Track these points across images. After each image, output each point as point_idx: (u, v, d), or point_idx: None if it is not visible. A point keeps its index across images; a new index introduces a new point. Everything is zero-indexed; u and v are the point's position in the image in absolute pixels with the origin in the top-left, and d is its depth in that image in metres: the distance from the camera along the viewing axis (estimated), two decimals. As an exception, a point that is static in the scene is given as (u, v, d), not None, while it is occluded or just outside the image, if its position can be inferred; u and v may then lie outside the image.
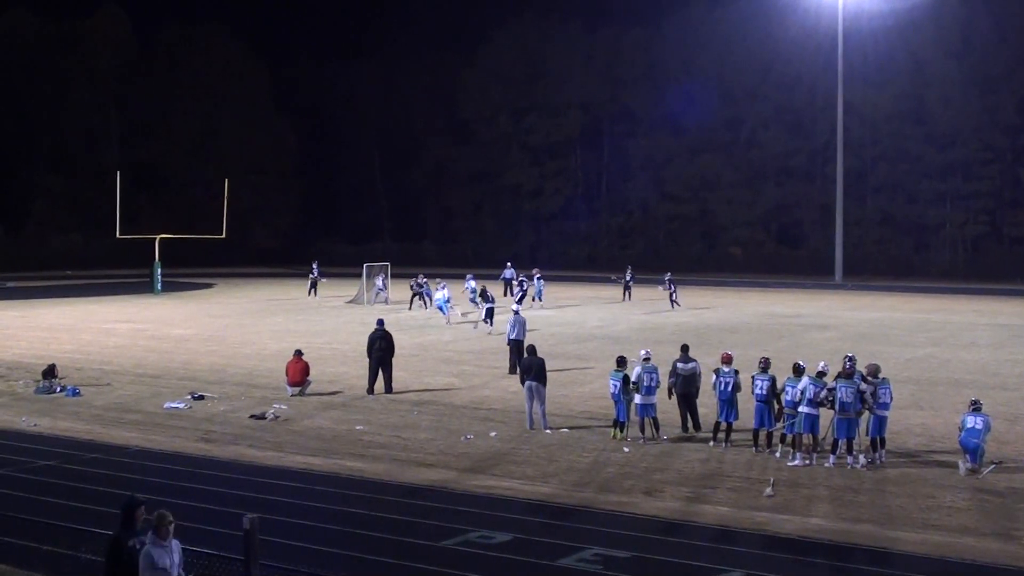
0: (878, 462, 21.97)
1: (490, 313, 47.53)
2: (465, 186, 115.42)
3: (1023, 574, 15.85)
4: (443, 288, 52.92)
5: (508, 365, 34.66)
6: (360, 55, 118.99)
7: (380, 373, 30.89)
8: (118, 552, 11.93)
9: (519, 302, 49.08)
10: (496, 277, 66.21)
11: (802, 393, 22.09)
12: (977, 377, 33.82)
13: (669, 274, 60.57)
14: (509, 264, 65.17)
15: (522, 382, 26.01)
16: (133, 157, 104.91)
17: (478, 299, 49.68)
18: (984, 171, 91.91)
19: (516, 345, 34.34)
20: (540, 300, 59.56)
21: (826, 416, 22.79)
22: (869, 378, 22.43)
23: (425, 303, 56.90)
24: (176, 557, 11.81)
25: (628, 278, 63.30)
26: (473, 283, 56.22)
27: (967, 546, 16.96)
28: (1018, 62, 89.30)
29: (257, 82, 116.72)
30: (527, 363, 26.12)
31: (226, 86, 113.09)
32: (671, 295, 58.84)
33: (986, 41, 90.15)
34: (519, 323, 35.45)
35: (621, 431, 24.40)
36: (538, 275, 60.99)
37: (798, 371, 22.67)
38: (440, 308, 52.35)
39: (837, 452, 21.87)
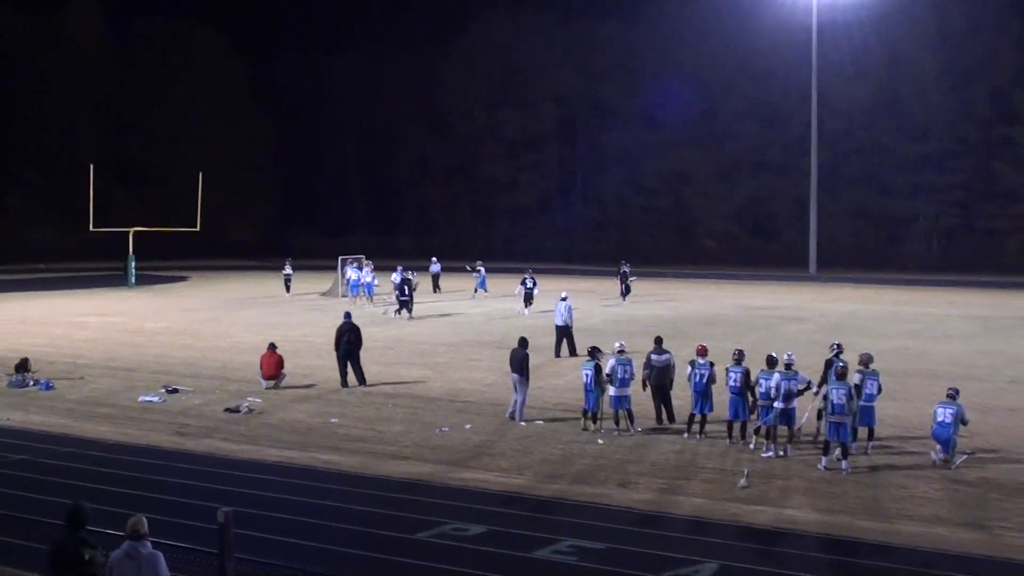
0: (868, 451, 22.19)
1: (404, 304, 49.03)
2: (441, 179, 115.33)
3: (995, 563, 15.97)
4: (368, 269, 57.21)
5: (553, 349, 36.82)
6: (337, 49, 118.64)
7: (349, 366, 30.91)
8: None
9: (527, 301, 50.32)
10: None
11: (776, 389, 22.15)
12: (950, 368, 34.02)
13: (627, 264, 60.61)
14: (435, 259, 64.94)
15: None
16: (109, 151, 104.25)
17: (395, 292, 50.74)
18: (957, 164, 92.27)
19: (564, 331, 36.90)
20: (484, 290, 60.83)
21: (801, 408, 22.92)
22: (860, 367, 22.58)
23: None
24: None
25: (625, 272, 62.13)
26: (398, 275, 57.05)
27: (940, 536, 17.08)
28: (991, 55, 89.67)
29: (234, 75, 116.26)
30: (512, 354, 26.13)
31: (203, 79, 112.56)
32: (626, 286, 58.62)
33: (960, 34, 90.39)
34: (567, 309, 37.28)
35: (594, 422, 24.48)
36: (481, 267, 62.17)
37: (771, 363, 22.77)
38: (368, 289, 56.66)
39: (829, 455, 21.29)
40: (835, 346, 24.51)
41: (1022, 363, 36.10)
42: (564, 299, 37.98)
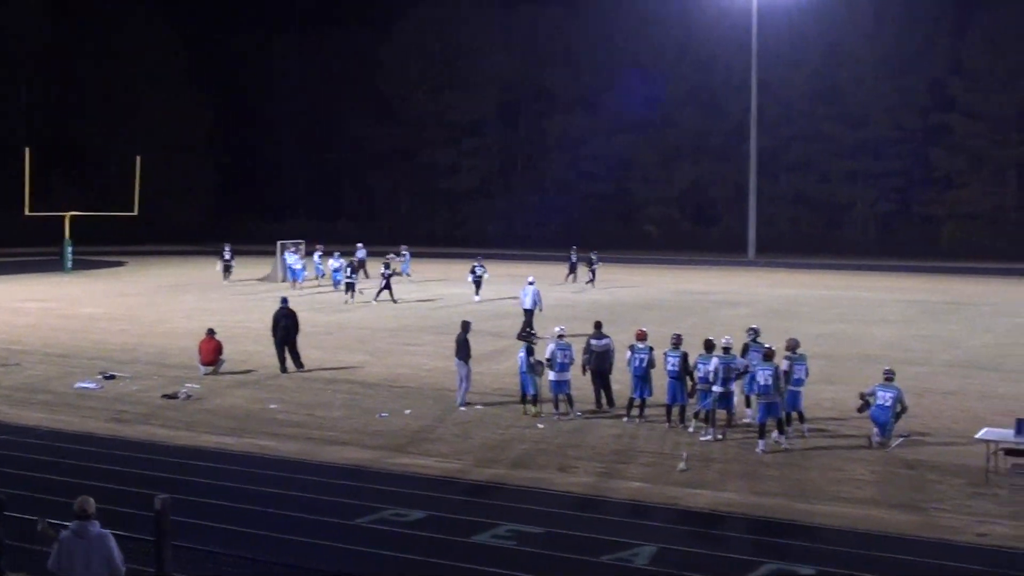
0: (805, 435, 22.42)
1: (349, 287, 49.94)
2: (383, 163, 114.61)
3: (930, 544, 16.16)
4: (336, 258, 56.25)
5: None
6: (278, 31, 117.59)
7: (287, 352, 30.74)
8: None
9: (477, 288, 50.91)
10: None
11: (715, 373, 22.29)
12: (886, 352, 34.38)
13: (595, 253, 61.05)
14: (360, 245, 64.68)
15: None
16: (45, 133, 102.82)
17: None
18: (895, 150, 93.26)
19: (528, 314, 38.34)
20: (407, 275, 60.80)
21: (739, 392, 23.11)
22: (788, 352, 22.75)
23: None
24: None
25: (579, 259, 62.04)
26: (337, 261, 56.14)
27: (876, 518, 17.28)
28: (929, 43, 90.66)
29: (173, 56, 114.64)
30: (456, 339, 26.09)
31: (141, 60, 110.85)
32: (592, 272, 59.16)
33: (898, 22, 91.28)
34: (535, 293, 38.72)
35: (534, 405, 24.53)
36: (406, 251, 62.62)
37: (709, 347, 22.92)
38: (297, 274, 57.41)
39: (766, 438, 21.49)
40: (751, 330, 24.75)
41: (957, 347, 36.61)
42: (531, 283, 39.19)
